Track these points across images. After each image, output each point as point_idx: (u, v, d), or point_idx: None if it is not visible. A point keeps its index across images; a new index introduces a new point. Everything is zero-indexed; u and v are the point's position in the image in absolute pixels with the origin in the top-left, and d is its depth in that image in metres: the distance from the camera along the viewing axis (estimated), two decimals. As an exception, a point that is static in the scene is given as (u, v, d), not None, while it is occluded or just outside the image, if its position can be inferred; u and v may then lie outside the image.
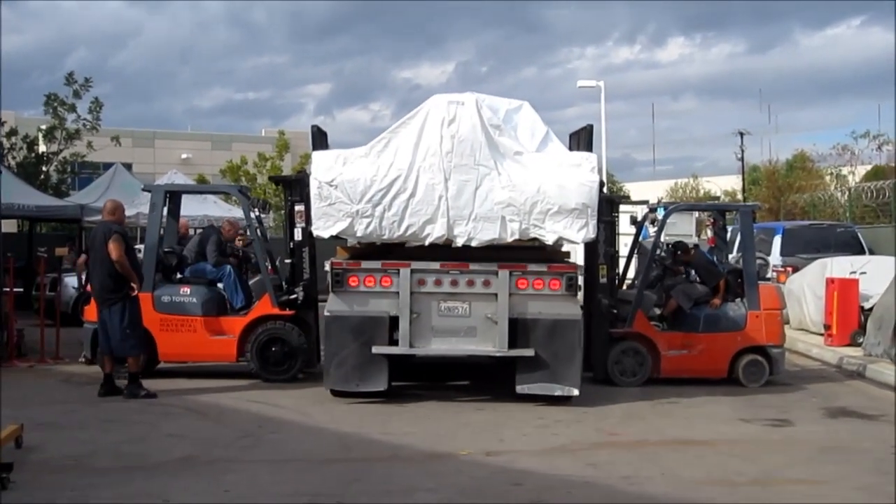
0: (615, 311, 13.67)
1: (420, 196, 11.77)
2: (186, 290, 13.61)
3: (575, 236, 11.77)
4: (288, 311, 13.47)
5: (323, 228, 11.96)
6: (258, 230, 14.65)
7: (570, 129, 13.81)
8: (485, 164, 11.75)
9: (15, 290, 16.22)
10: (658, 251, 14.06)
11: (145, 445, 9.61)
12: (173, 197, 14.62)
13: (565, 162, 12.01)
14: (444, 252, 11.96)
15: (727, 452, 9.56)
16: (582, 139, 13.30)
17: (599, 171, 12.13)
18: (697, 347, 13.66)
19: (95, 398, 12.01)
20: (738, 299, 13.89)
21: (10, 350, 14.98)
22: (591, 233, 11.79)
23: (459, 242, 11.89)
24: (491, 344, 11.82)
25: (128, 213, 14.89)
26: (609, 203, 13.89)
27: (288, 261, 13.73)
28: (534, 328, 11.79)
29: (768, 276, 14.70)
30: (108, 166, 30.12)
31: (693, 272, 14.38)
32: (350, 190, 11.76)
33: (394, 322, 11.88)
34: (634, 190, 59.24)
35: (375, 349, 11.71)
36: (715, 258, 14.61)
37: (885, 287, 16.95)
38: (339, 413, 11.35)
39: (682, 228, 27.81)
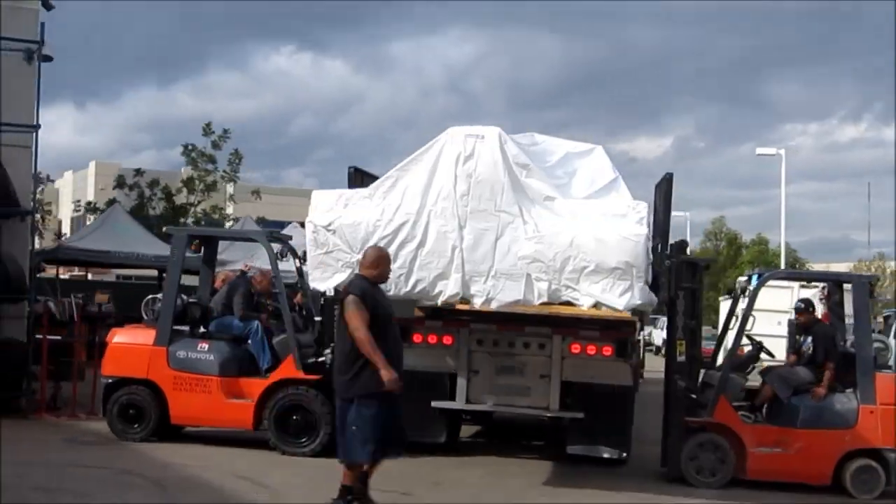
0: (694, 395, 10.74)
1: (430, 246, 9.45)
2: (205, 345, 11.56)
3: (616, 301, 9.13)
4: (313, 376, 11.14)
5: (319, 280, 9.82)
6: (298, 282, 12.44)
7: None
8: (507, 211, 9.32)
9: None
10: (749, 326, 11.00)
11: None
12: (209, 244, 12.59)
13: (608, 211, 9.40)
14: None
15: None
16: (661, 190, 10.61)
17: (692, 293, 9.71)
18: (794, 446, 10.60)
19: (66, 462, 10.06)
20: (848, 391, 10.71)
21: (42, 403, 13.17)
22: (636, 298, 9.12)
23: (477, 304, 9.59)
24: (544, 403, 11.18)
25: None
26: (691, 267, 11.02)
27: (318, 318, 11.43)
28: (584, 391, 11.22)
29: (889, 363, 11.35)
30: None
31: (809, 340, 11.24)
32: (350, 236, 9.57)
33: (454, 378, 11.38)
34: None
35: (435, 403, 11.19)
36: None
37: None
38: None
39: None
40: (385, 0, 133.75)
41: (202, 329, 12.01)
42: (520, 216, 9.29)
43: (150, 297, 12.13)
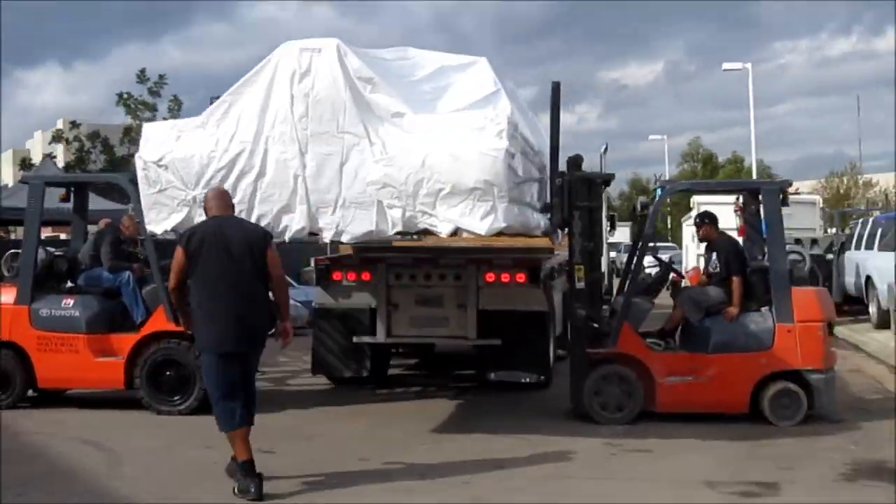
0: (596, 324, 9.50)
1: (271, 177, 8.25)
2: (69, 301, 10.31)
3: (477, 226, 7.86)
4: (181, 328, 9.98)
5: (155, 222, 8.72)
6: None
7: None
8: (351, 131, 8.06)
9: None
10: (653, 245, 9.73)
11: None
12: (79, 192, 11.31)
13: (464, 125, 7.98)
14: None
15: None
16: (551, 102, 9.24)
17: (515, 137, 7.97)
18: (706, 373, 9.34)
19: None
20: (763, 309, 9.45)
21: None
22: (500, 220, 7.85)
23: (326, 238, 8.43)
24: (463, 332, 10.92)
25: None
26: (586, 183, 9.73)
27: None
28: (501, 319, 10.85)
29: (805, 276, 10.05)
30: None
31: (714, 257, 10.02)
32: (183, 171, 8.40)
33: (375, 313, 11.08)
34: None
35: (356, 339, 11.06)
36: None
37: None
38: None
39: (803, 221, 22.58)
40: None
41: (70, 284, 10.89)
42: (366, 137, 8.04)
43: (10, 252, 10.96)
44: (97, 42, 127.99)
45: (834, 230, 21.81)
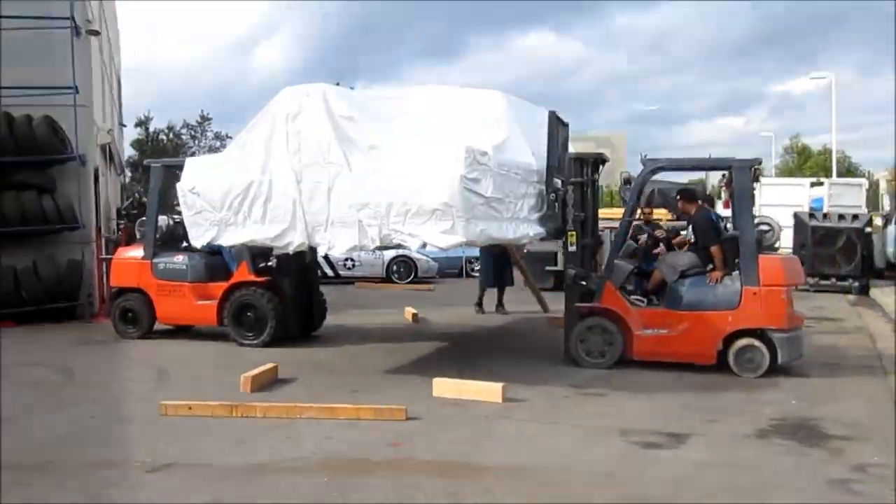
0: (584, 282, 8.89)
1: (276, 201, 7.91)
2: (180, 257, 10.48)
3: (440, 241, 7.18)
4: (263, 278, 10.08)
5: (195, 238, 8.49)
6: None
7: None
8: (335, 162, 7.57)
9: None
10: (638, 217, 8.93)
11: None
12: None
13: (428, 153, 7.33)
14: None
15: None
16: (551, 126, 8.34)
17: (479, 163, 7.27)
18: (678, 327, 8.36)
19: (35, 361, 9.19)
20: (733, 273, 8.51)
21: (101, 309, 12.80)
22: (459, 236, 7.14)
23: (322, 252, 8.03)
24: None
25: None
26: (580, 162, 9.05)
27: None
28: None
29: (776, 245, 8.96)
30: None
31: (690, 228, 9.08)
32: (210, 197, 8.16)
33: None
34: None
35: None
36: (727, 226, 9.13)
37: None
38: (183, 390, 7.51)
39: (850, 200, 20.63)
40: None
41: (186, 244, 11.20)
42: (346, 166, 7.54)
43: (141, 218, 11.43)
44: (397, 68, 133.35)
45: (884, 209, 19.71)
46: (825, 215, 17.73)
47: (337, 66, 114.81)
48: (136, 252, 10.78)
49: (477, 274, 22.49)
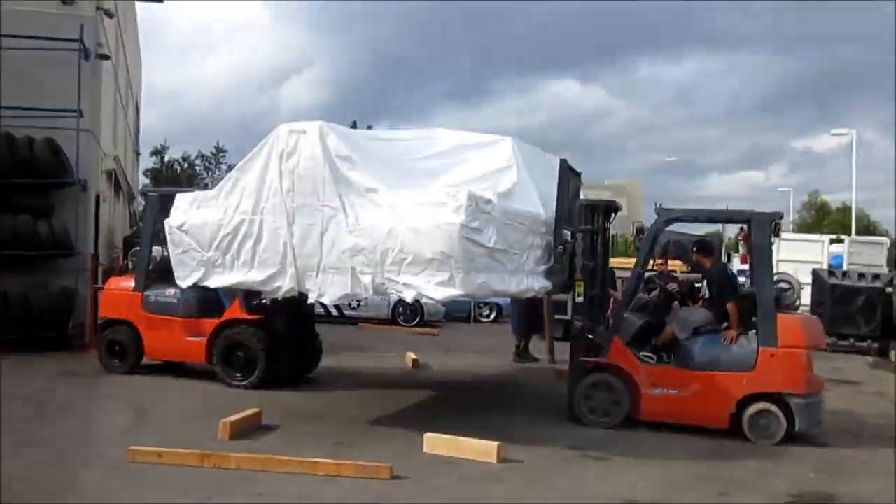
0: (591, 335, 8.40)
1: (265, 242, 7.49)
2: (171, 290, 10.03)
3: (434, 293, 6.75)
4: (255, 316, 9.63)
5: (181, 279, 8.08)
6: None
7: None
8: (329, 204, 7.17)
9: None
10: (645, 269, 8.44)
11: None
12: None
13: (428, 200, 6.90)
14: None
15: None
16: (561, 177, 8.12)
17: (482, 211, 6.85)
18: (690, 388, 7.83)
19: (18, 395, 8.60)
20: (750, 333, 8.00)
21: (91, 338, 12.37)
22: (457, 288, 6.69)
23: (312, 299, 7.47)
24: None
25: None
26: (590, 209, 8.61)
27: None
28: None
29: (795, 304, 8.45)
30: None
31: (705, 283, 8.60)
32: (199, 236, 7.75)
33: None
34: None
35: None
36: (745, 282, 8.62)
37: None
38: (157, 434, 7.12)
39: (870, 258, 20.04)
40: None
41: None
42: (342, 209, 7.12)
43: (133, 248, 11.08)
44: (421, 109, 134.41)
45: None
46: (845, 273, 17.16)
47: (363, 104, 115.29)
48: (128, 283, 10.38)
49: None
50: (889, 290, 16.31)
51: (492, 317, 21.52)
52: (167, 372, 10.23)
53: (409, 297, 7.01)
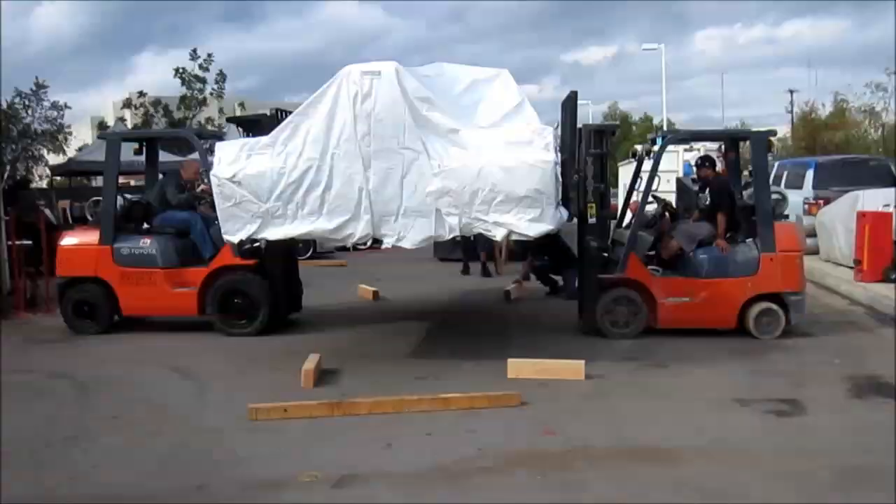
0: (606, 254, 8.92)
1: (337, 189, 7.18)
2: (147, 241, 9.35)
3: (527, 229, 6.97)
4: (250, 261, 9.22)
5: (232, 233, 7.52)
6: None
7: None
8: (411, 147, 7.03)
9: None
10: (656, 186, 9.08)
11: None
12: (150, 146, 10.39)
13: (513, 139, 7.07)
14: None
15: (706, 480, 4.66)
16: (568, 108, 8.40)
17: (562, 149, 7.21)
18: (700, 295, 8.61)
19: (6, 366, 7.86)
20: (749, 240, 8.90)
21: (17, 302, 11.23)
22: (548, 223, 6.98)
23: (388, 243, 7.34)
24: None
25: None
26: (599, 134, 9.00)
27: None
28: None
29: (786, 213, 9.46)
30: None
31: (707, 194, 9.34)
32: (255, 186, 7.25)
33: None
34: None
35: None
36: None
37: (921, 220, 11.74)
38: (239, 389, 6.80)
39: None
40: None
41: (146, 226, 10.06)
42: (424, 152, 7.03)
43: (93, 199, 10.07)
44: (191, 34, 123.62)
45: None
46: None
47: (128, 28, 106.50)
48: (88, 237, 9.47)
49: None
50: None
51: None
52: (143, 328, 9.57)
53: (499, 235, 7.14)
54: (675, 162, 22.19)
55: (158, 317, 9.72)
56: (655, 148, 9.00)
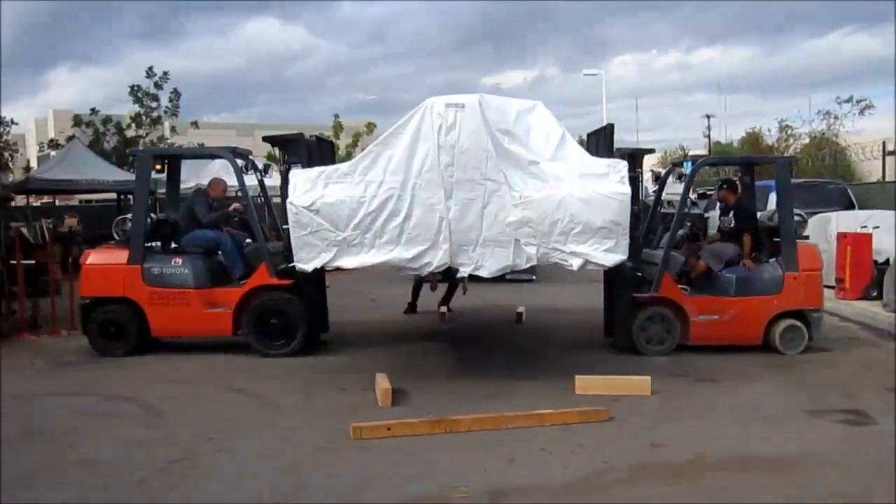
0: (639, 273, 9.23)
1: (417, 218, 7.26)
2: (178, 260, 9.21)
3: (603, 259, 7.22)
4: (286, 281, 9.15)
5: (306, 261, 7.52)
6: (261, 195, 10.36)
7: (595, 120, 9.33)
8: (493, 178, 7.19)
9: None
10: (686, 209, 9.45)
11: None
12: (172, 163, 10.23)
13: (589, 171, 7.37)
14: None
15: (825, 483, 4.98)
16: (602, 140, 8.75)
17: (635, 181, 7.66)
18: (730, 312, 9.01)
19: (39, 392, 7.68)
20: (773, 259, 9.35)
21: (21, 323, 10.82)
22: (621, 254, 7.26)
23: (465, 272, 7.47)
24: None
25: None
26: (631, 158, 9.32)
27: (286, 227, 9.38)
28: None
29: (806, 234, 9.97)
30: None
31: (731, 216, 9.68)
32: (333, 215, 7.28)
33: None
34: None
35: None
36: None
37: (893, 241, 12.53)
38: (316, 410, 6.87)
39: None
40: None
41: (173, 245, 9.86)
42: (505, 183, 7.19)
43: (119, 217, 9.79)
44: (108, 50, 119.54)
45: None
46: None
47: (42, 46, 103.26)
48: (115, 256, 9.24)
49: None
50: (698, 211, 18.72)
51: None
52: (169, 350, 9.36)
53: (575, 265, 7.29)
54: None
55: (186, 338, 9.50)
56: (685, 170, 9.35)
